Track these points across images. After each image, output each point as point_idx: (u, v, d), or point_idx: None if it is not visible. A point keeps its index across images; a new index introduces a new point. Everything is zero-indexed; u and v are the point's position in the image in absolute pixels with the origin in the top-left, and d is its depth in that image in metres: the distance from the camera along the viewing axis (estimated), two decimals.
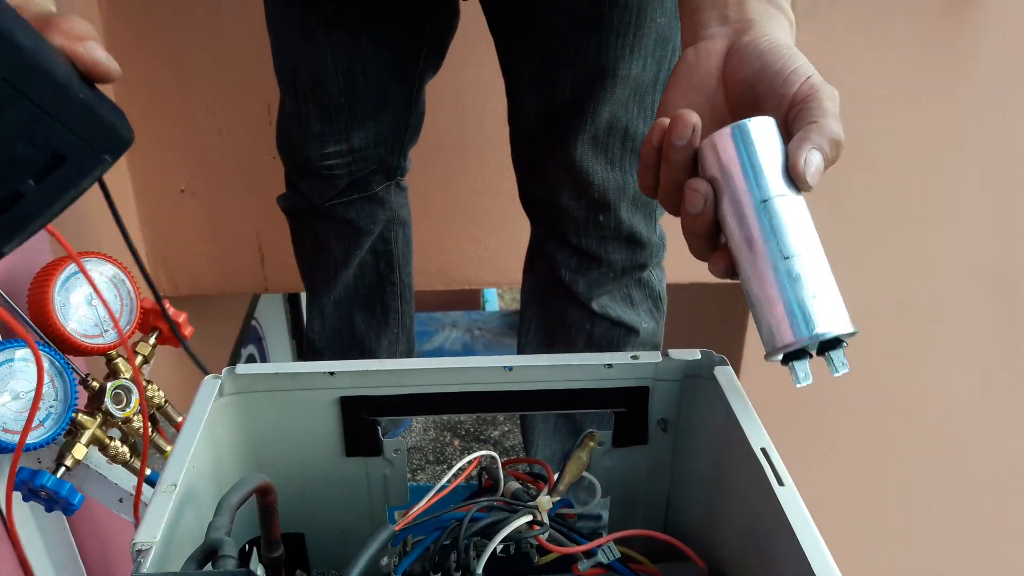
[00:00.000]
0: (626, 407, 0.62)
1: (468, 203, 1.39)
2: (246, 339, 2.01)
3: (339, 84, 0.89)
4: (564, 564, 0.57)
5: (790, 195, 0.47)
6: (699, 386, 0.60)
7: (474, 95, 1.26)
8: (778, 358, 0.48)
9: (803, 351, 0.47)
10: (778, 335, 0.46)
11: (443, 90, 1.22)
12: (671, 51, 0.82)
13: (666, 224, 0.95)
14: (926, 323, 1.52)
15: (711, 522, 0.61)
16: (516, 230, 1.00)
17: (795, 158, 0.46)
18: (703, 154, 0.49)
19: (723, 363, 0.59)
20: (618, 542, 0.57)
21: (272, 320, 2.23)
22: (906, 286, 1.48)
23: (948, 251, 1.46)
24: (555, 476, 0.60)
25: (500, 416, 2.32)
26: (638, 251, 0.95)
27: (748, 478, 0.51)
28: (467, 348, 2.62)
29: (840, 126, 0.47)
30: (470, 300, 2.97)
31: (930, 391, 1.58)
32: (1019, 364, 1.55)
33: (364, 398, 0.59)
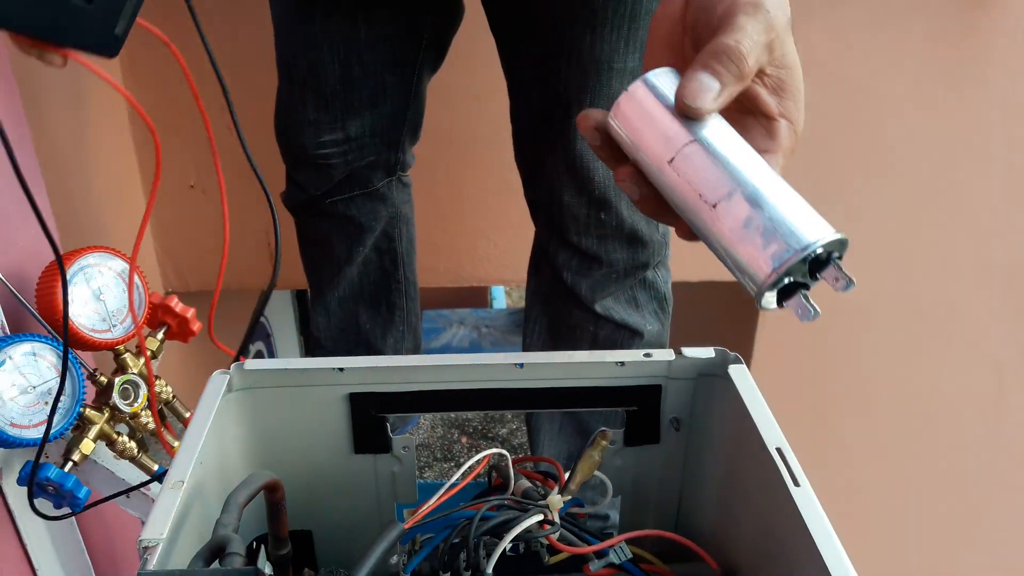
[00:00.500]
0: (638, 406, 0.61)
1: (478, 200, 1.39)
2: (254, 335, 2.01)
3: (335, 73, 0.90)
4: (575, 564, 0.57)
5: (699, 138, 0.43)
6: (713, 385, 0.59)
7: (486, 92, 1.26)
8: (771, 305, 0.42)
9: (795, 285, 0.41)
10: (749, 279, 0.41)
11: (455, 87, 1.22)
12: None
13: None
14: (941, 324, 1.51)
15: (724, 522, 0.60)
16: (526, 227, 1.00)
17: (678, 94, 0.43)
18: (616, 138, 0.46)
19: (737, 361, 0.58)
20: (629, 542, 0.56)
21: (280, 316, 2.23)
22: (921, 287, 1.47)
23: (963, 252, 1.45)
24: (566, 475, 0.59)
25: (508, 414, 2.31)
26: (640, 249, 0.94)
27: (763, 478, 0.50)
28: (474, 345, 2.62)
29: (750, 37, 0.42)
30: (477, 297, 2.96)
31: (945, 392, 1.56)
32: None
33: (373, 394, 0.59)
